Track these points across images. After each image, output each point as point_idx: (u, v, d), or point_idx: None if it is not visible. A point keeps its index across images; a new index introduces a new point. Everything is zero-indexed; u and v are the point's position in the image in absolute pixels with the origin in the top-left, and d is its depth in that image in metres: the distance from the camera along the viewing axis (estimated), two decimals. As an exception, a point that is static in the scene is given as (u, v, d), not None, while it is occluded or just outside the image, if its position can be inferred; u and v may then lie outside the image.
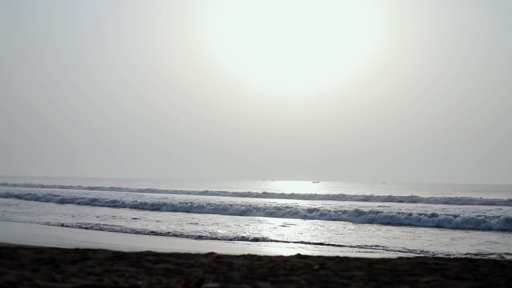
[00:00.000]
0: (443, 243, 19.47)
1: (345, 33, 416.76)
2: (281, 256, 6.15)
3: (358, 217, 29.56)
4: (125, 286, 4.19)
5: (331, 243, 18.90)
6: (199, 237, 20.15)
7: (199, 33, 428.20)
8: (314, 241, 19.44)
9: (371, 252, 16.72)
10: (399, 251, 17.07)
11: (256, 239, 19.72)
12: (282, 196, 62.20)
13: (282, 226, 25.63)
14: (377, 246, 18.21)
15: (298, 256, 6.27)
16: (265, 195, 64.32)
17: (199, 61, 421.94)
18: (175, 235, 20.71)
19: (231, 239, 19.77)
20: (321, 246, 18.36)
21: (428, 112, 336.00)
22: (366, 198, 56.03)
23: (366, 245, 18.25)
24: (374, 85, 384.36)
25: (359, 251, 16.77)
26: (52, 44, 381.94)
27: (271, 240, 19.57)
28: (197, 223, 26.36)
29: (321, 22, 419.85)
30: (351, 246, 18.06)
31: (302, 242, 19.13)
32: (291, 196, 61.90)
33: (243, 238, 20.00)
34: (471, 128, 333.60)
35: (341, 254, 8.45)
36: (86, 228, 22.85)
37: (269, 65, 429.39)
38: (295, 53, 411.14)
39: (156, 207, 38.32)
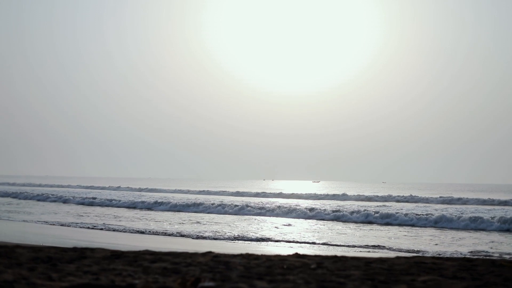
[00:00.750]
0: (443, 243, 19.46)
1: (345, 33, 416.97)
2: (279, 255, 6.16)
3: (358, 216, 29.55)
4: (122, 285, 4.19)
5: (331, 243, 18.90)
6: (200, 237, 20.14)
7: (199, 33, 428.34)
8: (313, 241, 19.44)
9: (369, 251, 16.71)
10: (398, 250, 17.06)
11: (256, 239, 19.71)
12: (282, 195, 62.16)
13: (282, 225, 25.63)
14: (376, 245, 18.20)
15: (296, 255, 6.27)
16: (265, 194, 64.29)
17: (199, 61, 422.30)
18: (176, 235, 20.70)
19: (231, 239, 19.77)
20: (320, 245, 18.35)
21: (428, 112, 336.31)
22: (366, 198, 56.01)
23: (365, 245, 18.24)
24: (374, 85, 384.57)
25: (360, 251, 16.76)
26: (52, 44, 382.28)
27: (271, 240, 19.56)
28: (197, 222, 26.36)
29: (321, 22, 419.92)
30: (350, 246, 18.05)
31: (301, 242, 19.12)
32: (291, 195, 61.85)
33: (243, 238, 19.99)
34: (471, 128, 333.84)
35: (339, 254, 8.45)
36: (86, 228, 22.84)
37: (269, 65, 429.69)
38: (295, 53, 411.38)
39: (156, 206, 38.31)
